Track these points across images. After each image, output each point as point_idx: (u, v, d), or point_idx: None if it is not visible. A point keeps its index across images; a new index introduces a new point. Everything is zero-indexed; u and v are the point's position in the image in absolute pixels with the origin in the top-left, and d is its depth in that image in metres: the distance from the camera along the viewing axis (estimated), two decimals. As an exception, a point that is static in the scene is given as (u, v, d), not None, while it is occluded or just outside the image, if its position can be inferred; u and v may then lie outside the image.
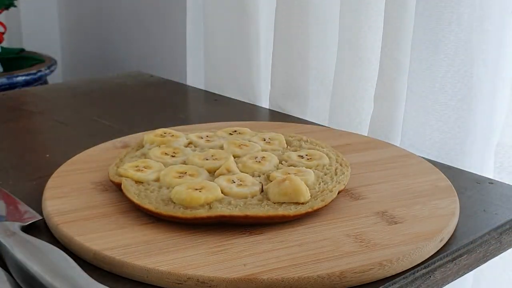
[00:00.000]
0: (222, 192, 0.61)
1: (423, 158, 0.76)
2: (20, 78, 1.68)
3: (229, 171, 0.66)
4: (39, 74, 1.72)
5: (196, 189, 0.60)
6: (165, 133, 0.76)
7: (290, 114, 1.02)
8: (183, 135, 0.76)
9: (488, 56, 0.86)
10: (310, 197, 0.61)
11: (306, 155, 0.71)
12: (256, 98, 1.19)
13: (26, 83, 1.69)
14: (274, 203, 0.60)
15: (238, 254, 0.54)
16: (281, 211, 0.59)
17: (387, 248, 0.55)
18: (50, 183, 0.67)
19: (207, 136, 0.76)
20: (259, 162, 0.68)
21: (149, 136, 0.75)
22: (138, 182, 0.64)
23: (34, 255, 0.51)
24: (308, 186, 0.63)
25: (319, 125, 0.93)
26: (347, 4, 1.00)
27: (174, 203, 0.60)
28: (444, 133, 0.89)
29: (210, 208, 0.59)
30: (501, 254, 0.64)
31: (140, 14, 1.87)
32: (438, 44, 0.86)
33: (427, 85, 0.89)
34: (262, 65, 1.23)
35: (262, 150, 0.73)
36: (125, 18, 1.93)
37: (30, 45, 2.03)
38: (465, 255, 0.59)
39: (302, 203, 0.60)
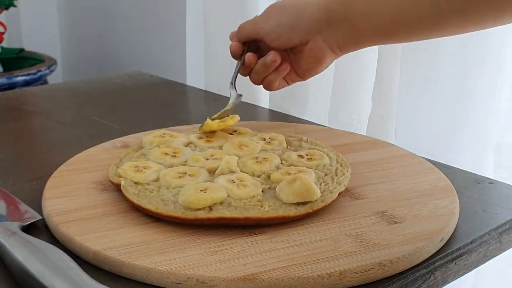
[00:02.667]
0: (222, 192, 0.61)
1: (423, 158, 0.76)
2: (20, 78, 1.68)
3: (229, 170, 0.66)
4: (39, 74, 1.72)
5: (201, 191, 0.60)
6: (164, 134, 0.76)
7: (290, 114, 1.02)
8: (183, 135, 0.76)
9: (489, 54, 0.86)
10: (320, 193, 0.62)
11: (307, 155, 0.71)
12: (256, 98, 1.19)
13: (26, 83, 1.69)
14: (285, 203, 0.60)
15: (238, 254, 0.54)
16: (282, 212, 0.59)
17: (387, 248, 0.55)
18: (50, 183, 0.67)
19: (207, 136, 0.76)
20: (260, 162, 0.68)
21: (148, 137, 0.75)
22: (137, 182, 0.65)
23: (34, 255, 0.51)
24: (308, 186, 0.63)
25: (319, 125, 0.93)
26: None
27: (174, 203, 0.60)
28: (440, 131, 0.89)
29: (211, 209, 0.59)
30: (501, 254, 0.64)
31: (140, 14, 1.87)
32: (439, 42, 0.85)
33: (424, 83, 0.89)
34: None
35: (262, 150, 0.73)
36: (125, 18, 1.94)
37: (30, 45, 2.03)
38: (465, 255, 0.59)
39: (315, 201, 0.61)
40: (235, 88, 0.82)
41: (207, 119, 0.77)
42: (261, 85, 0.79)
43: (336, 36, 0.67)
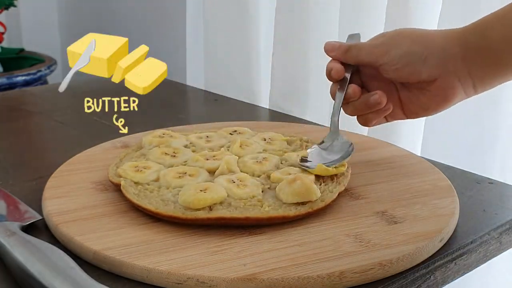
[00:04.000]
0: (222, 192, 0.61)
1: (423, 158, 0.76)
2: (20, 78, 1.68)
3: (229, 170, 0.66)
4: (39, 74, 1.72)
5: (201, 191, 0.60)
6: (163, 134, 0.76)
7: (290, 114, 1.02)
8: (182, 136, 0.76)
9: None
10: (320, 194, 0.62)
11: (307, 155, 0.71)
12: (256, 98, 1.19)
13: (26, 83, 1.69)
14: (285, 203, 0.60)
15: (238, 254, 0.54)
16: (282, 212, 0.59)
17: (387, 248, 0.55)
18: (50, 183, 0.67)
19: (207, 136, 0.76)
20: (260, 162, 0.68)
21: (147, 137, 0.75)
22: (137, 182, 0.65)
23: (34, 255, 0.51)
24: (308, 186, 0.63)
25: (319, 125, 0.93)
26: (347, 4, 0.99)
27: (174, 203, 0.60)
28: (468, 139, 0.89)
29: (211, 209, 0.59)
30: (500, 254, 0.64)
31: (140, 14, 1.87)
32: None
33: None
34: (262, 65, 1.23)
35: (263, 150, 0.72)
36: (125, 18, 1.93)
37: (30, 45, 2.02)
38: (465, 255, 0.59)
39: (315, 201, 0.60)
40: (338, 124, 0.69)
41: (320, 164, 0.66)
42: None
43: (472, 72, 0.59)
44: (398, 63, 0.61)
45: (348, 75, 0.67)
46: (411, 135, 0.98)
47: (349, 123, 1.08)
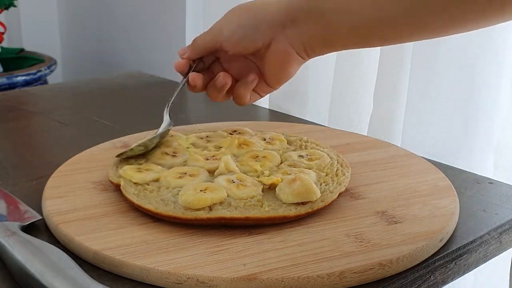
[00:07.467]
0: (222, 193, 0.61)
1: (423, 158, 0.76)
2: (20, 78, 1.68)
3: (228, 171, 0.66)
4: (39, 74, 1.73)
5: (201, 191, 0.60)
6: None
7: (290, 114, 1.02)
8: (183, 136, 0.76)
9: (493, 52, 0.86)
10: (320, 194, 0.62)
11: (307, 154, 0.71)
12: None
13: (26, 83, 1.69)
14: (285, 203, 0.60)
15: (238, 254, 0.54)
16: (282, 212, 0.59)
17: (387, 248, 0.55)
18: (50, 183, 0.67)
19: (207, 136, 0.76)
20: (259, 162, 0.68)
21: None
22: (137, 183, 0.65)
23: (34, 255, 0.51)
24: (308, 187, 0.62)
25: (319, 125, 0.93)
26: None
27: (174, 203, 0.60)
28: (446, 132, 0.89)
29: (211, 209, 0.59)
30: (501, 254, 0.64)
31: (140, 14, 1.87)
32: (439, 45, 0.85)
33: (429, 84, 0.89)
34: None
35: (264, 150, 0.72)
36: (125, 18, 1.94)
37: (30, 45, 2.03)
38: (465, 255, 0.59)
39: (315, 201, 0.60)
40: (169, 113, 0.74)
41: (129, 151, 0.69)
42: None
43: (302, 36, 0.61)
44: (232, 37, 0.65)
45: (192, 65, 0.71)
46: (411, 134, 0.98)
47: (348, 123, 1.08)
